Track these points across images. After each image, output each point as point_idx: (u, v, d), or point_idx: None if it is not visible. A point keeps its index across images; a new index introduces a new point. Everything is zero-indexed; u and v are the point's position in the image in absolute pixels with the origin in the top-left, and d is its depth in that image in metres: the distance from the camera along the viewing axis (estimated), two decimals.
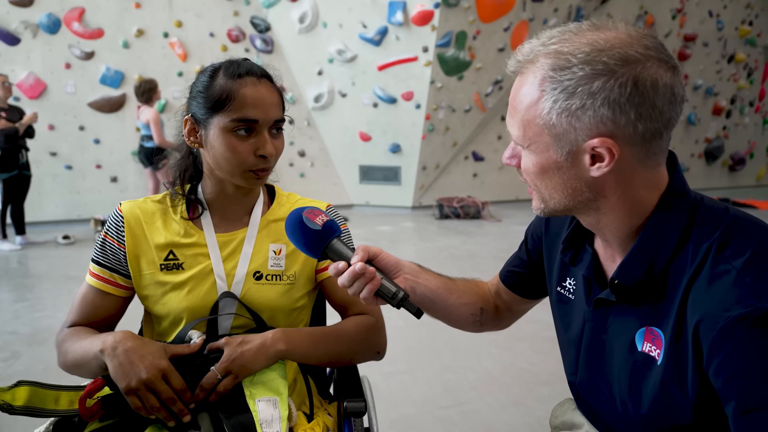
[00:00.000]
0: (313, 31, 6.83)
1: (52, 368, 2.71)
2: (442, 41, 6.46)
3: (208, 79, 1.00)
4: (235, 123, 0.96)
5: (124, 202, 1.08)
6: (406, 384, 2.47)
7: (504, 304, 1.05)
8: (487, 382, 2.49)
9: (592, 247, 0.81)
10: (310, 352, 1.01)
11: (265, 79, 1.01)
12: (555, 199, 0.74)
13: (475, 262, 4.66)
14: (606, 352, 0.78)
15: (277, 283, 1.05)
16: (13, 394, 0.88)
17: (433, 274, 0.98)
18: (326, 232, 0.87)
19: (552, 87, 0.67)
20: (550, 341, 3.03)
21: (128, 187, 6.54)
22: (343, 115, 7.13)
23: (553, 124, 0.68)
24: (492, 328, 1.07)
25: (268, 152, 0.99)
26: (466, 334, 2.96)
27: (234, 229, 1.07)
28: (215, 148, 0.98)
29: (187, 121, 1.02)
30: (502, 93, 7.28)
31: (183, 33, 6.58)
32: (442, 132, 7.11)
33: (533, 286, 1.00)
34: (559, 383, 2.57)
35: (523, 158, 0.75)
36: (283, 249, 1.07)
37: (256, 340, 0.96)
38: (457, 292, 0.99)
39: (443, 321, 1.02)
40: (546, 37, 0.71)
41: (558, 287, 0.89)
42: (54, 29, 6.01)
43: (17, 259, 4.85)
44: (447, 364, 2.68)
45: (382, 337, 1.11)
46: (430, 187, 7.48)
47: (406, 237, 6.00)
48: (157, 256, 1.03)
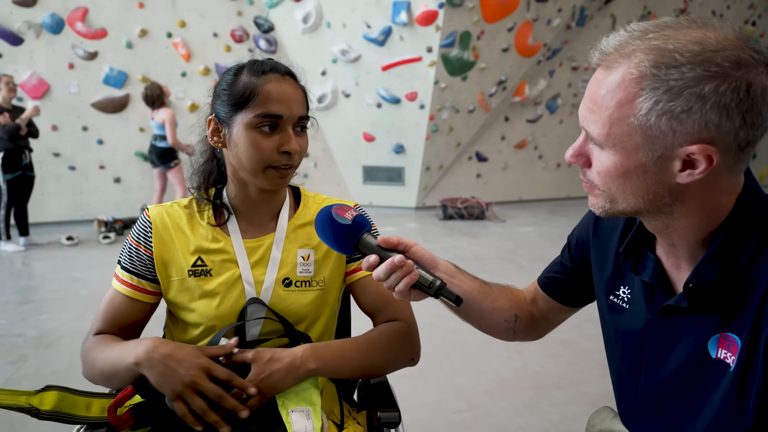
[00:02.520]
0: (317, 31, 6.82)
1: (61, 372, 2.72)
2: (446, 41, 6.44)
3: (232, 78, 0.98)
4: (259, 119, 0.94)
5: (152, 207, 1.06)
6: (418, 387, 2.45)
7: (540, 313, 1.03)
8: (499, 386, 2.48)
9: (654, 254, 0.79)
10: (342, 367, 0.98)
11: (289, 76, 1.00)
12: (629, 202, 0.71)
13: (480, 263, 4.65)
14: (671, 361, 0.76)
15: (307, 289, 1.04)
16: (41, 398, 0.86)
17: (469, 276, 0.96)
18: (357, 226, 0.85)
19: (653, 86, 0.63)
20: (561, 344, 3.03)
21: (132, 188, 6.52)
22: (347, 115, 7.12)
23: (650, 125, 0.64)
24: (525, 338, 1.04)
25: (292, 148, 0.96)
26: (475, 337, 2.97)
27: (261, 234, 1.06)
28: (238, 145, 0.96)
29: (211, 121, 1.00)
30: (506, 93, 7.27)
31: (186, 33, 6.56)
32: (446, 132, 7.10)
33: (576, 293, 0.98)
34: (572, 386, 2.58)
35: (599, 157, 0.71)
36: (312, 254, 1.05)
37: (285, 358, 0.93)
38: (491, 297, 0.97)
39: (474, 326, 1.00)
40: (640, 30, 0.67)
41: (610, 296, 0.86)
42: (57, 29, 5.99)
43: (21, 261, 4.83)
44: (458, 367, 2.67)
45: (415, 342, 1.08)
46: (433, 188, 7.47)
47: (410, 238, 5.92)
48: (186, 262, 1.02)
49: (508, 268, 4.51)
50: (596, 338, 2.91)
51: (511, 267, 4.56)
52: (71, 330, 3.14)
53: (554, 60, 7.66)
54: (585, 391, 2.41)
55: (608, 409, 0.93)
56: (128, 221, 6.03)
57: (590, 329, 2.95)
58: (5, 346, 2.93)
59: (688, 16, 0.68)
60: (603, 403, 0.99)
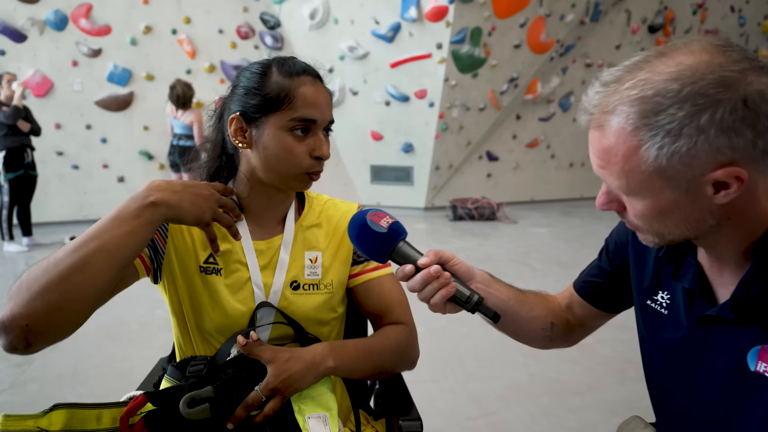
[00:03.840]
0: (324, 28, 6.82)
1: (66, 375, 2.72)
2: (457, 38, 6.43)
3: (260, 76, 0.97)
4: (294, 122, 0.95)
5: None
6: (430, 393, 2.44)
7: (576, 319, 1.02)
8: (514, 392, 2.46)
9: (696, 260, 0.78)
10: (357, 366, 1.00)
11: (318, 79, 1.00)
12: (675, 233, 0.71)
13: (492, 265, 4.62)
14: (709, 372, 0.75)
15: (315, 292, 1.04)
16: (49, 419, 0.84)
17: (505, 285, 0.96)
18: (392, 234, 0.84)
19: (651, 134, 0.64)
20: (578, 349, 2.98)
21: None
22: (355, 113, 7.11)
23: (663, 168, 0.65)
24: (561, 345, 1.04)
25: (324, 153, 0.98)
26: (488, 341, 2.96)
27: (270, 236, 1.05)
28: (269, 148, 0.96)
29: (234, 120, 0.98)
30: (517, 91, 7.24)
31: (191, 29, 6.58)
32: (456, 131, 7.08)
33: (614, 298, 0.97)
34: (590, 393, 2.55)
35: (630, 204, 0.71)
36: (319, 257, 1.06)
37: (305, 356, 0.93)
38: (528, 305, 0.97)
39: (510, 335, 1.00)
40: (613, 81, 0.67)
41: (648, 300, 0.86)
42: (61, 26, 6.02)
43: (24, 261, 4.86)
44: (471, 372, 2.65)
45: (416, 346, 1.10)
46: (443, 188, 7.45)
47: (420, 239, 5.97)
48: (198, 258, 1.01)
49: (521, 271, 4.48)
50: (614, 344, 2.90)
51: (525, 269, 4.54)
52: (76, 332, 3.14)
53: (567, 57, 7.62)
54: (603, 398, 2.39)
55: (638, 419, 0.91)
56: None
57: (608, 335, 2.91)
58: None
59: (656, 46, 0.68)
60: (622, 411, 0.98)
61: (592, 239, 5.75)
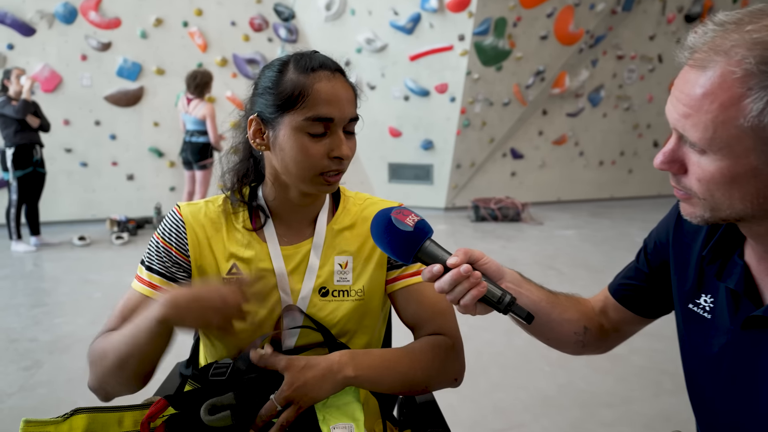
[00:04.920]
0: (341, 19, 6.85)
1: (77, 379, 2.78)
2: (480, 29, 6.40)
3: (277, 74, 0.97)
4: (309, 122, 0.93)
5: (183, 206, 1.06)
6: (452, 404, 2.44)
7: (611, 324, 1.01)
8: (541, 403, 2.45)
9: (743, 259, 0.77)
10: (381, 378, 0.97)
11: (339, 73, 0.99)
12: (734, 208, 0.69)
13: (517, 268, 4.58)
14: (757, 378, 0.74)
15: (345, 299, 1.04)
16: (70, 424, 0.86)
17: (536, 286, 0.96)
18: (419, 233, 0.84)
19: (763, 84, 0.61)
20: (608, 358, 2.96)
21: (145, 186, 6.64)
22: (372, 108, 7.13)
23: (763, 126, 0.62)
24: (594, 351, 1.03)
25: (343, 154, 0.96)
26: (514, 349, 2.95)
27: (298, 240, 1.06)
28: (285, 150, 0.96)
29: (253, 121, 0.99)
30: (544, 85, 7.19)
31: (203, 22, 6.66)
32: (479, 127, 7.05)
33: (652, 301, 0.96)
34: (622, 405, 2.53)
35: (698, 163, 0.69)
36: (350, 261, 1.05)
37: (321, 364, 0.91)
38: (560, 308, 0.96)
39: (540, 339, 0.99)
40: (733, 22, 0.65)
41: (689, 304, 0.85)
42: (70, 19, 6.13)
43: (33, 261, 4.96)
44: (496, 382, 2.65)
45: (460, 361, 1.07)
46: (464, 187, 7.43)
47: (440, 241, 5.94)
48: (221, 268, 1.03)
49: (548, 275, 4.46)
50: (648, 353, 2.87)
51: (551, 274, 4.51)
52: (86, 335, 3.21)
53: (597, 48, 7.55)
54: (637, 411, 2.37)
55: None
56: (141, 221, 6.15)
57: (642, 343, 2.88)
58: (19, 351, 3.01)
59: None
60: (657, 425, 0.98)
61: (623, 242, 5.69)
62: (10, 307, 3.71)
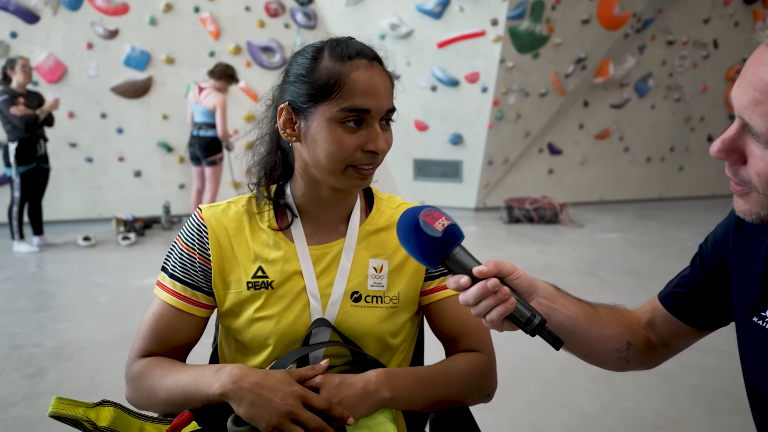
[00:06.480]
0: (362, 3, 6.88)
1: (83, 387, 2.84)
2: (515, 12, 6.38)
3: (311, 62, 0.98)
4: (345, 113, 0.94)
5: (205, 208, 1.08)
6: (487, 423, 2.41)
7: (660, 337, 1.01)
8: (584, 424, 2.43)
9: None
10: (417, 398, 1.00)
11: (376, 61, 1.00)
12: None
13: (555, 276, 4.57)
14: None
15: (378, 306, 1.05)
16: (97, 412, 0.92)
17: (572, 299, 0.96)
18: (447, 239, 0.84)
19: None
20: (657, 375, 2.94)
21: (153, 183, 6.75)
22: (396, 100, 7.12)
23: None
24: (639, 367, 1.03)
25: (379, 147, 0.97)
26: (553, 363, 2.93)
27: (328, 240, 1.07)
28: (317, 141, 0.97)
29: (283, 110, 1.00)
30: (585, 73, 7.12)
31: (215, 7, 6.74)
32: (513, 120, 7.02)
33: (708, 312, 0.96)
34: (672, 427, 2.51)
35: (761, 157, 0.67)
36: (385, 266, 1.06)
37: (357, 383, 0.94)
38: (599, 322, 0.96)
39: (579, 356, 0.99)
40: None
41: (754, 317, 0.84)
42: (76, 5, 6.27)
43: (36, 263, 5.09)
44: (534, 399, 2.64)
45: (493, 378, 1.10)
46: (497, 186, 7.40)
47: (469, 245, 5.90)
48: (245, 272, 1.04)
49: (589, 283, 4.42)
50: (701, 369, 2.83)
51: (593, 281, 4.47)
52: (92, 341, 3.28)
53: (645, 33, 7.45)
54: None
55: None
56: (149, 220, 6.25)
57: (693, 359, 2.85)
58: (23, 357, 3.09)
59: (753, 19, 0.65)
60: None
61: (673, 247, 5.61)
62: (12, 312, 3.81)
